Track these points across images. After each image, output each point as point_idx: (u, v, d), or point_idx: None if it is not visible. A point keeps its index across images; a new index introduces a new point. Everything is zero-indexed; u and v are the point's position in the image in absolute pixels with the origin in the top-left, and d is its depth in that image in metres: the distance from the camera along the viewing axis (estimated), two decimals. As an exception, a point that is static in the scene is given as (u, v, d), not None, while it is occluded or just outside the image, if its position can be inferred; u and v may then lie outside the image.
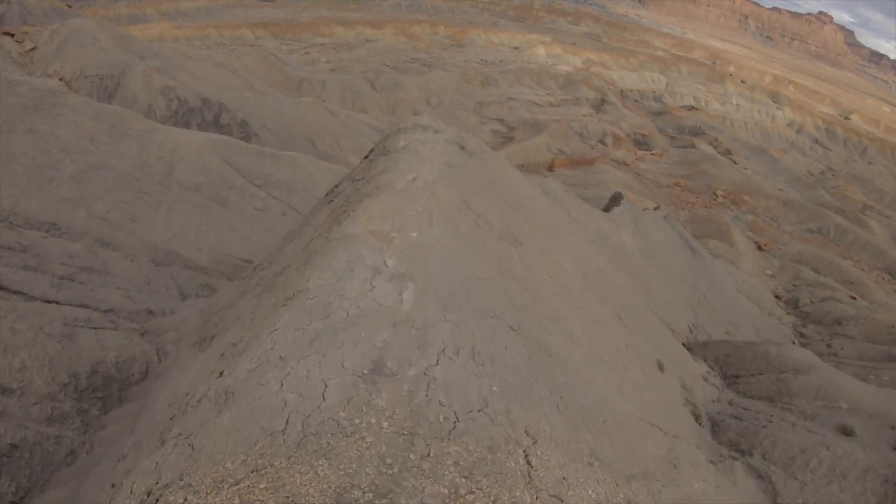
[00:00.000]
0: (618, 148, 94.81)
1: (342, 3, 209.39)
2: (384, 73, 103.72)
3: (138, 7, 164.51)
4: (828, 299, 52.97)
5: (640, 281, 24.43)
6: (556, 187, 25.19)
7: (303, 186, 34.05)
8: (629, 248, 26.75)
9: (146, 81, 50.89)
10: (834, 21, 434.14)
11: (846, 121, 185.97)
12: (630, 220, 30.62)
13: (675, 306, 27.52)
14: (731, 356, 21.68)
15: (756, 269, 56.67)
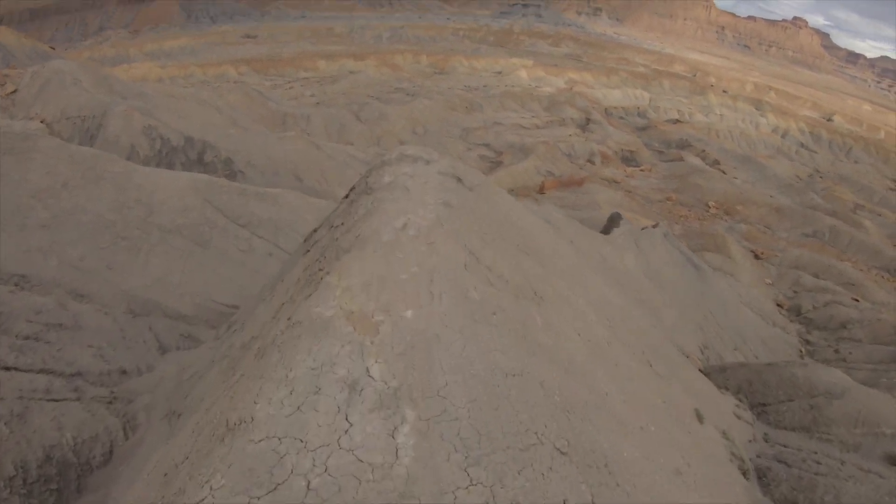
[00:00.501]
0: (606, 166, 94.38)
1: (324, 37, 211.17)
2: (368, 104, 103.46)
3: (122, 48, 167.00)
4: (830, 303, 52.07)
5: (649, 307, 23.44)
6: (554, 214, 24.38)
7: (289, 224, 33.14)
8: (633, 272, 25.89)
9: (128, 122, 50.11)
10: (809, 25, 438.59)
11: (829, 122, 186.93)
12: (631, 241, 29.78)
13: (685, 328, 26.58)
14: (753, 382, 20.45)
15: (755, 279, 55.79)
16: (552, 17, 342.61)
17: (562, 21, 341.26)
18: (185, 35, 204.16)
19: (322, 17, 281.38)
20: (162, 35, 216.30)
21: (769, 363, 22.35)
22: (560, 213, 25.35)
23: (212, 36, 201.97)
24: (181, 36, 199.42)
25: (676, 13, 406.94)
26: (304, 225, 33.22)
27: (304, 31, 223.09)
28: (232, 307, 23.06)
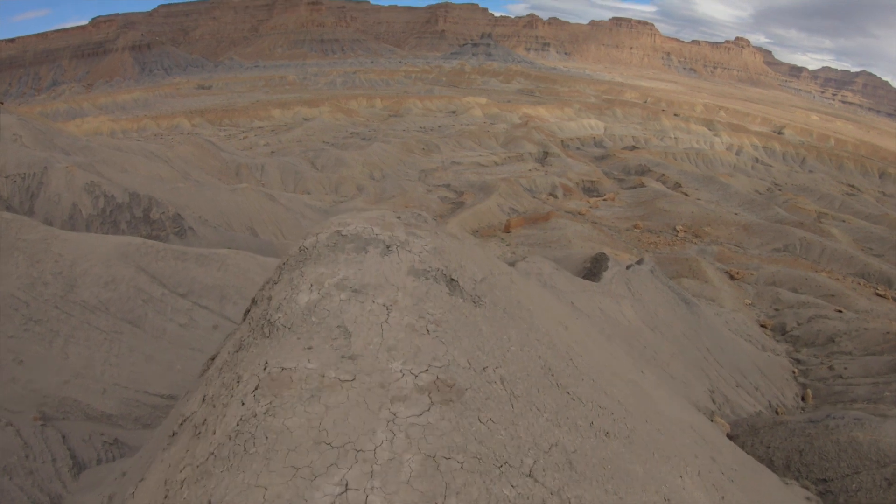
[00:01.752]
0: (569, 198, 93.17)
1: (278, 86, 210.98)
2: (324, 150, 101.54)
3: (76, 102, 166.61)
4: (814, 318, 50.49)
5: (658, 363, 21.29)
6: (546, 268, 22.31)
7: (237, 290, 30.32)
8: (634, 324, 23.80)
9: (69, 179, 47.39)
10: (751, 44, 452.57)
11: (780, 136, 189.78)
12: (623, 285, 27.73)
13: (692, 377, 24.57)
14: (805, 452, 17.66)
15: (735, 301, 54.16)
16: (502, 55, 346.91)
17: (512, 58, 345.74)
18: (138, 87, 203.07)
19: (275, 65, 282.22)
20: (116, 88, 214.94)
21: (811, 420, 19.54)
22: (550, 265, 23.31)
23: (165, 88, 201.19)
24: (135, 88, 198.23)
25: (623, 43, 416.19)
26: (253, 289, 30.56)
27: (258, 80, 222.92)
28: (169, 399, 20.18)
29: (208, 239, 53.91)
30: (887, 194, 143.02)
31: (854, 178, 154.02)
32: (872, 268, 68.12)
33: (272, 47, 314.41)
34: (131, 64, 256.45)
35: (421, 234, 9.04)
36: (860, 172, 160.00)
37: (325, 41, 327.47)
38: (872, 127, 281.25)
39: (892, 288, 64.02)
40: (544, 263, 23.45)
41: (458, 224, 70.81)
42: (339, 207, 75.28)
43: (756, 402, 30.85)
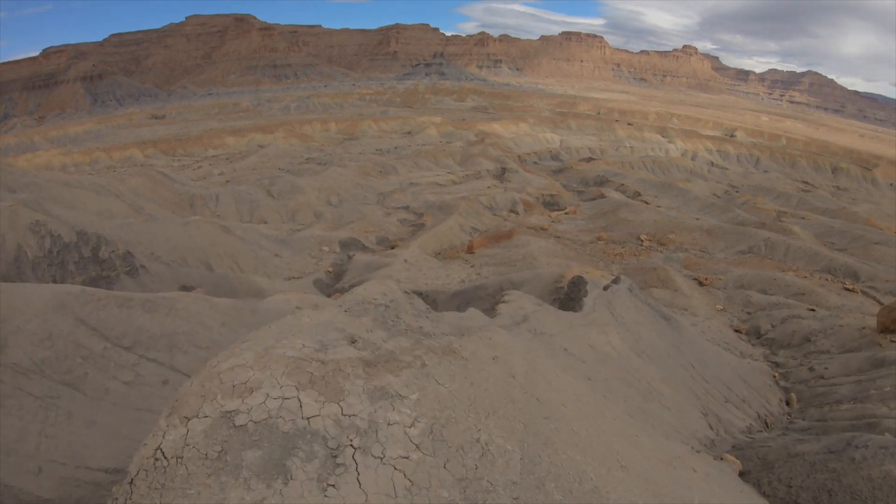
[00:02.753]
0: (530, 214, 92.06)
1: (231, 113, 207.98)
2: (280, 177, 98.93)
3: (26, 135, 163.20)
4: (788, 319, 49.63)
5: (653, 396, 19.80)
6: (529, 310, 20.71)
7: (187, 338, 27.89)
8: (624, 354, 22.22)
9: (12, 218, 44.77)
10: (699, 51, 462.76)
11: (733, 138, 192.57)
12: (606, 311, 26.11)
13: (685, 403, 23.09)
14: (835, 490, 15.73)
15: (707, 309, 53.11)
16: (455, 73, 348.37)
17: (464, 76, 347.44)
18: (90, 119, 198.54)
19: (228, 92, 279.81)
20: (67, 120, 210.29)
21: (830, 450, 17.78)
22: (531, 303, 21.73)
23: (118, 118, 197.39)
24: (87, 120, 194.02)
25: (573, 56, 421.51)
26: (206, 335, 28.28)
27: (212, 108, 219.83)
28: (114, 473, 17.84)
29: (161, 277, 51.50)
30: (841, 188, 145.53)
31: (808, 175, 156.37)
32: (838, 262, 68.01)
33: (225, 74, 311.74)
34: (83, 95, 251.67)
35: (400, 386, 6.45)
36: (813, 169, 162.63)
37: (277, 66, 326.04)
38: (821, 124, 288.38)
39: (859, 281, 63.83)
40: (525, 301, 21.91)
41: (419, 247, 69.06)
42: (297, 236, 73.14)
43: (745, 416, 29.51)
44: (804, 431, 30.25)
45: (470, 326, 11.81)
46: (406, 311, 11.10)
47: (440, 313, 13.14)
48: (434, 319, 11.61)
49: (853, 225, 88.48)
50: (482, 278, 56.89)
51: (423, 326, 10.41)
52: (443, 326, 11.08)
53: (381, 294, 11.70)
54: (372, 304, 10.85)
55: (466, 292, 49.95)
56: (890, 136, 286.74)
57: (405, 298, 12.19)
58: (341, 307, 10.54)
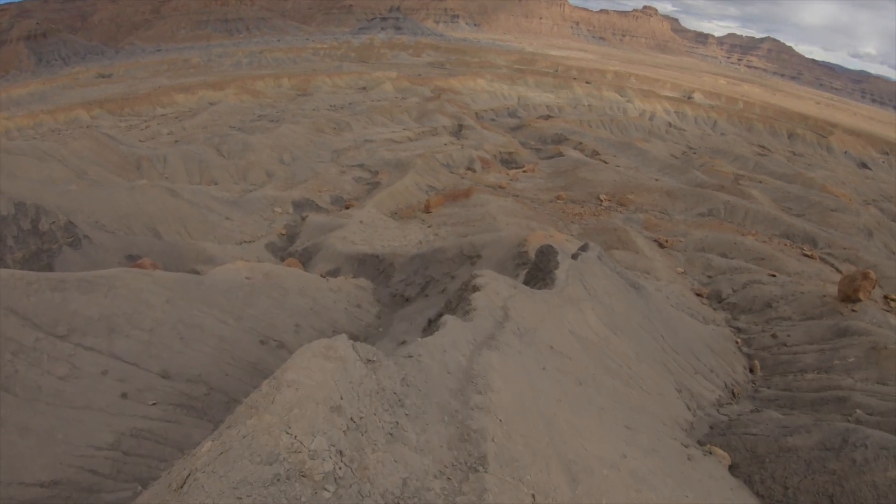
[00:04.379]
0: (488, 172, 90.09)
1: (181, 69, 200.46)
2: (230, 136, 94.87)
3: None
4: (749, 284, 48.96)
5: (634, 379, 18.60)
6: (504, 294, 19.17)
7: (128, 319, 25.59)
8: (601, 332, 20.74)
9: None
10: (658, 13, 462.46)
11: (690, 100, 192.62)
12: (579, 284, 24.54)
13: (662, 381, 21.83)
14: (836, 496, 14.43)
15: (669, 272, 52.14)
16: (411, 28, 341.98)
17: (421, 31, 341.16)
18: (35, 80, 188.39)
19: (178, 48, 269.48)
20: (11, 82, 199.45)
21: (826, 446, 16.34)
22: (507, 286, 20.08)
23: (63, 79, 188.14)
24: (31, 82, 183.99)
25: (532, 13, 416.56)
26: (149, 315, 25.98)
27: (160, 64, 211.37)
28: (52, 487, 15.64)
29: (106, 246, 48.59)
30: (797, 154, 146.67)
31: (764, 139, 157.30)
32: (796, 228, 67.80)
33: (174, 29, 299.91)
34: (27, 55, 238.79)
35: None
36: (769, 133, 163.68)
37: (229, 21, 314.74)
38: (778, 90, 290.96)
39: (817, 248, 63.75)
40: (500, 284, 20.15)
41: (375, 206, 66.84)
42: (248, 197, 70.21)
43: (714, 387, 28.48)
44: (772, 402, 29.34)
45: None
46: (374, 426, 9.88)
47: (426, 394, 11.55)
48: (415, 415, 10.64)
49: (810, 191, 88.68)
50: (440, 239, 55.05)
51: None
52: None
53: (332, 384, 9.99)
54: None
55: (425, 256, 48.12)
56: (845, 105, 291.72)
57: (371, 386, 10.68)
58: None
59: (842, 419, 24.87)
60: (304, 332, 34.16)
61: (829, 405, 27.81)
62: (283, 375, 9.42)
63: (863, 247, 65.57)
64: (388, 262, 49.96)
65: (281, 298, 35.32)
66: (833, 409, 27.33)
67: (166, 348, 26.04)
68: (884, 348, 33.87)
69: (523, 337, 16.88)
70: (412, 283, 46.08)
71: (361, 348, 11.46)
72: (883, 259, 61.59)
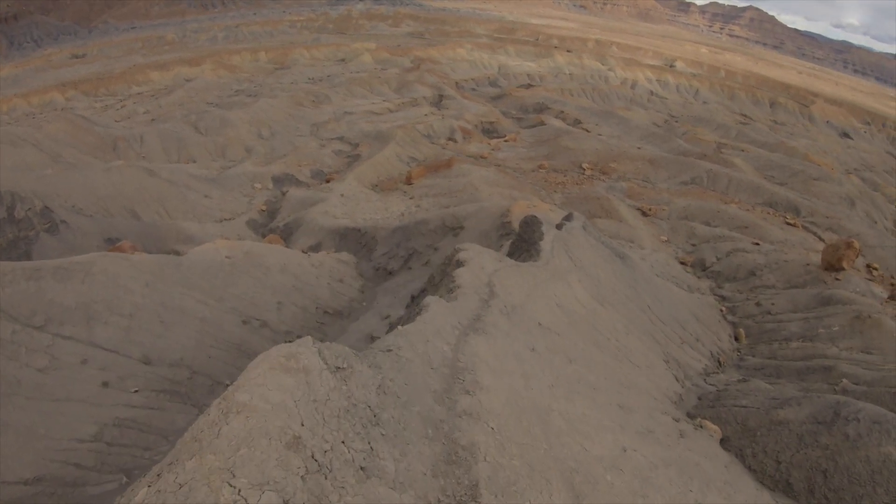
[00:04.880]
0: (469, 142, 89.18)
1: (156, 46, 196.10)
2: (208, 112, 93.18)
3: None
4: (733, 252, 48.80)
5: (623, 352, 18.12)
6: (489, 269, 18.59)
7: (106, 305, 24.92)
8: (589, 305, 20.24)
9: None
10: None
11: (672, 68, 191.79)
12: (565, 255, 24.00)
13: (651, 353, 21.42)
14: (830, 472, 14.05)
15: (653, 240, 51.85)
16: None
17: (400, 0, 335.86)
18: (7, 64, 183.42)
19: (152, 25, 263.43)
20: None
21: (817, 420, 15.84)
22: (492, 259, 19.50)
23: (36, 61, 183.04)
24: (3, 65, 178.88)
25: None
26: (128, 300, 25.26)
27: (135, 42, 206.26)
28: (36, 483, 15.04)
29: (84, 231, 47.53)
30: (779, 123, 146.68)
31: (746, 108, 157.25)
32: (779, 196, 67.63)
33: (148, 6, 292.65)
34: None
35: None
36: (752, 102, 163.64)
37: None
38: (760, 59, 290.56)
39: (800, 216, 63.65)
40: (484, 258, 19.58)
41: (356, 179, 65.91)
42: (227, 174, 69.04)
43: (700, 356, 28.24)
44: (758, 371, 29.17)
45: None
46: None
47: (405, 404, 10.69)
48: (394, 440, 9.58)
49: (792, 160, 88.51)
50: (423, 211, 54.38)
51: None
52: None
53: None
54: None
55: (407, 228, 47.53)
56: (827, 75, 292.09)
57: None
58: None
59: (828, 389, 24.74)
60: (287, 310, 33.66)
61: (816, 374, 27.71)
62: (235, 396, 8.01)
63: (845, 216, 65.56)
64: (371, 236, 49.33)
65: (262, 277, 34.73)
66: (819, 378, 27.22)
67: (147, 333, 25.51)
68: (868, 317, 33.84)
69: (511, 315, 16.28)
70: (395, 256, 45.55)
71: (330, 352, 10.22)
72: (865, 228, 61.67)
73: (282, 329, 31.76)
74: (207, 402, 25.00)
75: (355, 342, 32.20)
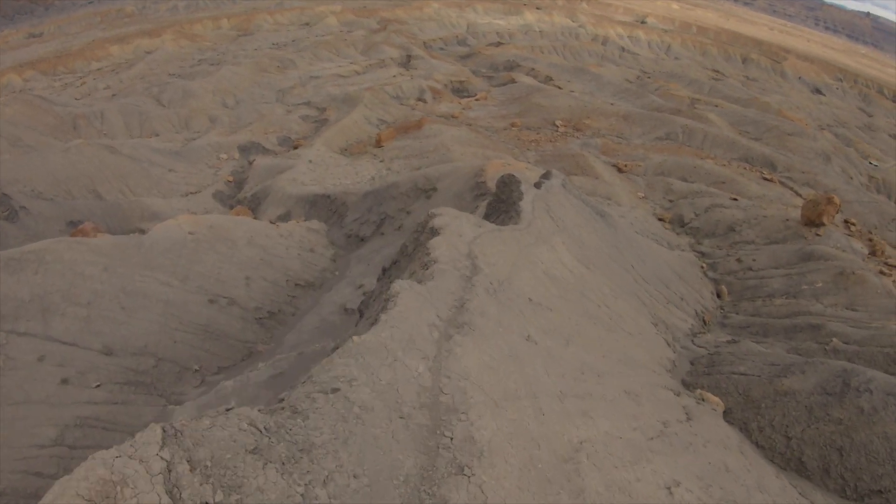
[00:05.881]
0: (439, 102, 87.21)
1: (116, 20, 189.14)
2: (170, 84, 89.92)
3: None
4: (711, 207, 47.91)
5: (617, 324, 16.80)
6: (468, 236, 17.04)
7: (63, 295, 23.31)
8: (576, 270, 18.92)
9: None
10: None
11: (643, 24, 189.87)
12: (546, 217, 22.56)
13: (640, 318, 20.15)
14: (846, 449, 12.87)
15: (630, 197, 50.74)
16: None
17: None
18: None
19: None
20: None
21: (826, 390, 14.49)
22: (471, 224, 18.06)
23: None
24: None
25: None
26: (86, 288, 23.60)
27: (93, 17, 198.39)
28: None
29: (45, 215, 45.47)
30: (751, 79, 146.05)
31: (718, 64, 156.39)
32: (755, 152, 66.87)
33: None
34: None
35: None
36: (724, 58, 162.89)
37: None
38: (731, 15, 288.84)
39: (776, 171, 62.94)
40: (461, 224, 17.94)
41: (324, 144, 63.89)
42: (191, 146, 66.64)
43: (686, 315, 27.28)
44: (744, 329, 28.28)
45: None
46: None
47: None
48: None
49: (766, 115, 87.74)
50: (394, 174, 52.73)
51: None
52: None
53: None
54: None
55: (378, 192, 45.98)
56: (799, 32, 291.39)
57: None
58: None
59: (818, 349, 23.86)
60: (256, 285, 32.11)
61: (804, 333, 26.85)
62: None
63: (821, 171, 64.99)
64: (341, 202, 47.68)
65: (229, 251, 33.05)
66: (808, 337, 26.37)
67: (107, 322, 24.00)
68: (851, 273, 33.19)
69: (498, 293, 14.54)
70: (367, 222, 44.07)
71: (200, 451, 6.71)
72: (842, 184, 61.21)
73: (251, 305, 30.27)
74: (175, 390, 23.58)
75: (328, 314, 30.83)
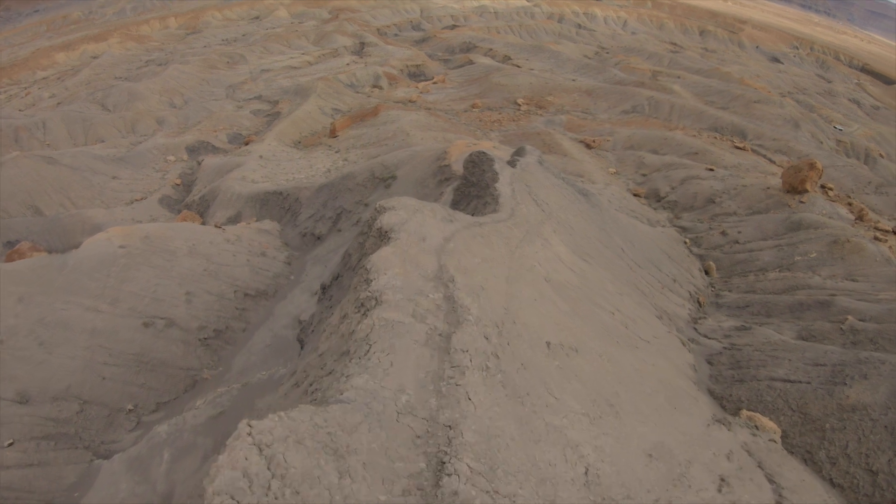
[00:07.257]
0: (396, 87, 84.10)
1: (62, 27, 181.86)
2: (115, 87, 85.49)
3: None
4: (687, 180, 45.52)
5: (627, 322, 13.84)
6: (435, 234, 13.22)
7: None
8: (577, 267, 15.98)
9: None
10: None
11: (598, 1, 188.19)
12: (530, 200, 19.30)
13: (647, 316, 17.30)
14: (871, 453, 10.14)
15: (602, 173, 48.14)
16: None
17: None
18: None
19: (57, 6, 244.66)
20: None
21: (832, 382, 11.60)
22: (440, 215, 14.41)
23: None
24: None
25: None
26: (9, 317, 20.22)
27: (39, 26, 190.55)
28: None
29: None
30: (710, 50, 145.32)
31: (676, 37, 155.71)
32: (724, 121, 65.03)
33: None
34: None
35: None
36: (681, 31, 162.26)
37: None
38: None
39: (747, 139, 61.04)
40: (427, 220, 13.84)
41: (276, 138, 60.40)
42: (137, 150, 62.66)
43: (681, 299, 24.69)
44: (744, 310, 25.73)
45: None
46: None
47: None
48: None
49: (730, 84, 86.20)
50: (350, 164, 49.48)
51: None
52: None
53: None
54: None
55: (333, 185, 42.71)
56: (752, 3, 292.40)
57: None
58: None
59: (833, 328, 21.26)
60: (199, 300, 28.30)
61: (813, 311, 24.14)
62: None
63: (792, 137, 63.41)
64: (294, 198, 44.22)
65: (166, 264, 29.27)
66: (818, 315, 23.64)
67: (22, 362, 20.45)
68: (846, 241, 30.83)
69: (503, 362, 8.73)
70: (322, 218, 40.73)
71: None
72: (813, 149, 59.70)
73: (193, 325, 26.42)
74: (105, 438, 20.21)
75: (281, 329, 27.56)
